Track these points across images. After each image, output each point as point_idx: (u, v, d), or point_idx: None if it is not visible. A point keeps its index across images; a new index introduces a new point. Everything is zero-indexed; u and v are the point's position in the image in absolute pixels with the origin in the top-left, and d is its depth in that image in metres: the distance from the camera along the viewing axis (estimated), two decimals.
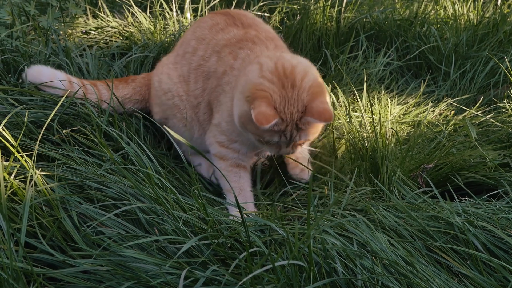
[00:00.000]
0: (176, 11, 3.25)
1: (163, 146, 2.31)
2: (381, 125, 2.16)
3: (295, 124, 1.76)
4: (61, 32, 2.90)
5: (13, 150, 1.60)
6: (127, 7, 3.23)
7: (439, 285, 1.49)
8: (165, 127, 1.96)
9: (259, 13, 3.38)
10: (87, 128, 1.96)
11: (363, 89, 2.58)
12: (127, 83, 2.31)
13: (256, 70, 1.82)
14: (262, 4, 3.43)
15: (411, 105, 2.81)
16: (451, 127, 2.57)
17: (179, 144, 2.20)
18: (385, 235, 1.65)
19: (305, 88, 1.77)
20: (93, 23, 3.18)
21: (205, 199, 1.92)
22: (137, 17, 3.17)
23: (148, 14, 3.22)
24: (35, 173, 1.56)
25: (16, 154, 1.60)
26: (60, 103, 1.88)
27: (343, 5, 3.31)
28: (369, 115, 2.42)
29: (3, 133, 1.63)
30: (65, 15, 3.16)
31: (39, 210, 1.54)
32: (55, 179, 1.65)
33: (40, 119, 1.99)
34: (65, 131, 1.91)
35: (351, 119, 2.38)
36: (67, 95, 2.06)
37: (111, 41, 3.06)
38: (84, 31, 3.11)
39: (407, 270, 1.50)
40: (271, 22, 3.38)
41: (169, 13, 3.22)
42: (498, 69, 3.03)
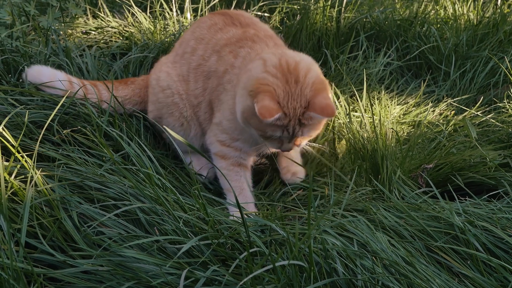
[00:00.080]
0: (176, 11, 3.25)
1: (164, 146, 2.31)
2: (381, 125, 2.16)
3: (297, 119, 1.77)
4: (61, 32, 2.90)
5: (14, 150, 1.60)
6: (127, 7, 3.23)
7: (439, 285, 1.49)
8: (164, 126, 1.97)
9: (259, 13, 3.38)
10: (87, 128, 1.96)
11: (363, 89, 2.58)
12: (127, 85, 2.31)
13: (259, 65, 1.83)
14: (262, 4, 3.43)
15: (411, 105, 2.81)
16: (451, 127, 2.57)
17: (171, 143, 2.20)
18: (386, 235, 1.65)
19: (308, 83, 1.78)
20: (93, 23, 3.18)
21: (205, 199, 1.91)
22: (137, 17, 3.17)
23: (148, 14, 3.22)
24: (36, 173, 1.56)
25: (16, 154, 1.60)
26: (60, 103, 1.88)
27: (343, 5, 3.31)
28: (369, 115, 2.42)
29: (4, 133, 1.63)
30: (65, 15, 3.16)
31: (39, 210, 1.54)
32: (56, 179, 1.65)
33: (40, 119, 1.99)
34: (65, 131, 1.91)
35: (351, 119, 2.38)
36: (67, 95, 2.06)
37: (111, 41, 3.06)
38: (84, 31, 3.11)
39: (407, 270, 1.50)
40: (271, 22, 3.38)
41: (169, 13, 3.22)
42: (498, 69, 3.03)
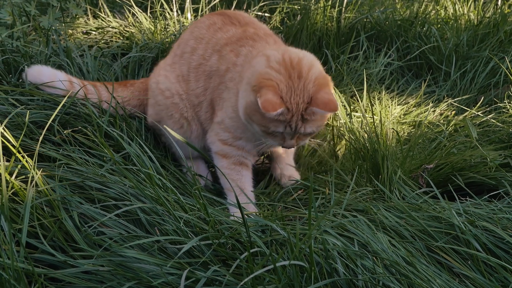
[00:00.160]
0: (176, 11, 3.25)
1: (164, 148, 2.30)
2: (381, 125, 2.16)
3: (300, 114, 1.77)
4: (62, 32, 2.90)
5: (14, 150, 1.60)
6: (127, 7, 3.23)
7: (440, 286, 1.49)
8: (165, 126, 1.97)
9: (259, 13, 3.38)
10: (88, 128, 1.96)
11: (363, 89, 2.58)
12: (126, 87, 2.31)
13: (263, 61, 1.84)
14: (262, 4, 3.43)
15: (412, 105, 2.81)
16: (452, 127, 2.57)
17: (170, 146, 2.20)
18: (386, 236, 1.65)
19: (311, 79, 1.78)
20: (94, 23, 3.18)
21: (206, 199, 1.92)
22: (137, 17, 3.17)
23: (148, 14, 3.22)
24: (36, 174, 1.56)
25: (17, 154, 1.60)
26: (62, 103, 1.89)
27: (344, 5, 3.31)
28: (370, 115, 2.42)
29: (4, 133, 1.63)
30: (66, 16, 3.16)
31: (40, 210, 1.54)
32: (56, 180, 1.65)
33: (41, 119, 1.99)
34: (66, 132, 1.91)
35: (352, 119, 2.38)
36: (68, 95, 2.06)
37: (111, 41, 3.06)
38: (84, 31, 3.11)
39: (408, 270, 1.50)
40: (271, 22, 3.38)
41: (169, 13, 3.23)
42: (498, 69, 3.03)
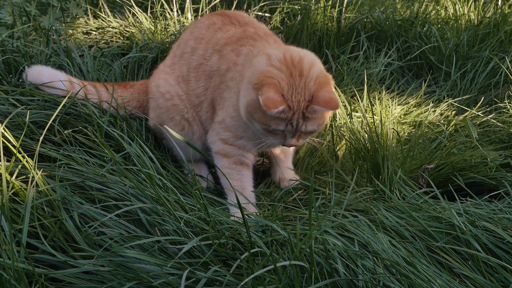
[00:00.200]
0: (177, 11, 3.25)
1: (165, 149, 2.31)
2: (382, 126, 2.16)
3: (301, 112, 1.78)
4: (62, 32, 2.90)
5: (15, 150, 1.60)
6: (128, 8, 3.23)
7: (440, 286, 1.49)
8: (165, 126, 1.97)
9: (259, 14, 3.38)
10: (88, 128, 1.96)
11: (364, 89, 2.58)
12: (126, 88, 2.31)
13: (264, 60, 1.85)
14: (262, 4, 3.43)
15: (412, 105, 2.81)
16: (452, 127, 2.57)
17: (171, 149, 2.20)
18: (386, 236, 1.65)
19: (312, 77, 1.79)
20: (94, 23, 3.18)
21: (206, 199, 1.92)
22: (138, 17, 3.17)
23: (149, 14, 3.22)
24: (37, 174, 1.56)
25: (17, 154, 1.60)
26: (62, 103, 1.88)
27: (344, 5, 3.31)
28: (370, 115, 2.42)
29: (5, 133, 1.63)
30: (66, 16, 3.16)
31: (40, 210, 1.54)
32: (57, 180, 1.65)
33: (41, 119, 1.99)
34: (66, 132, 1.91)
35: (352, 119, 2.38)
36: (68, 95, 2.06)
37: (112, 41, 3.06)
38: (85, 32, 3.11)
39: (408, 270, 1.50)
40: (272, 22, 3.38)
41: (169, 13, 3.22)
42: (499, 69, 3.03)
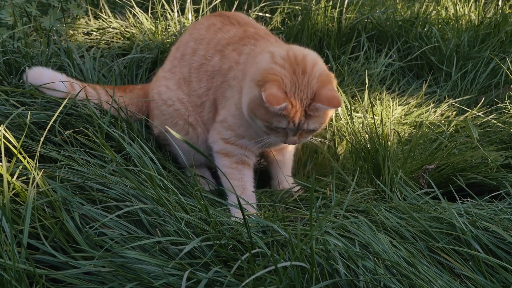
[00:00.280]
0: (177, 11, 3.25)
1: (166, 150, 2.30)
2: (382, 126, 2.16)
3: (304, 110, 1.78)
4: (63, 33, 2.90)
5: (16, 151, 1.60)
6: (128, 8, 3.23)
7: (441, 286, 1.49)
8: (166, 127, 1.96)
9: (260, 14, 3.38)
10: (89, 129, 1.96)
11: (364, 89, 2.58)
12: (125, 92, 2.30)
13: (267, 57, 1.85)
14: (263, 4, 3.43)
15: (413, 105, 2.81)
16: (453, 127, 2.57)
17: (176, 155, 2.19)
18: (387, 236, 1.65)
19: (315, 75, 1.79)
20: (95, 24, 3.18)
21: (207, 200, 1.91)
22: (138, 18, 3.17)
23: (149, 15, 3.22)
24: (37, 174, 1.56)
25: (18, 155, 1.60)
26: (63, 104, 1.89)
27: (345, 6, 3.31)
28: (371, 116, 2.42)
29: (6, 134, 1.63)
30: (67, 16, 3.16)
31: (41, 211, 1.54)
32: (57, 180, 1.65)
33: (42, 120, 1.99)
34: (67, 132, 1.91)
35: (353, 120, 2.38)
36: (68, 97, 2.06)
37: (112, 42, 3.06)
38: (85, 32, 3.11)
39: (409, 271, 1.50)
40: (272, 22, 3.38)
41: (170, 14, 3.23)
42: (499, 69, 3.02)
